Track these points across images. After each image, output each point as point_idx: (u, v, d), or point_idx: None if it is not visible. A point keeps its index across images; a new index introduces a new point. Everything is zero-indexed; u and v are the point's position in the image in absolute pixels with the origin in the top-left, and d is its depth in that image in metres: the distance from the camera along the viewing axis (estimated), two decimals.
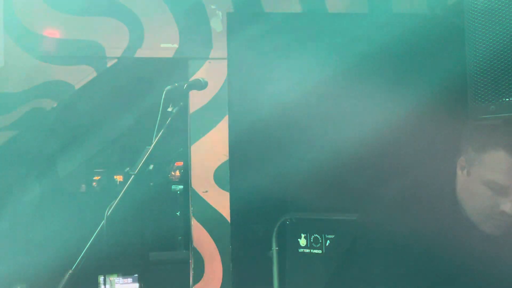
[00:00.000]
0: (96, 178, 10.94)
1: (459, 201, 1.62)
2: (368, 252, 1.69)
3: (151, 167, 1.71)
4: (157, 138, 1.74)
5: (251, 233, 3.76)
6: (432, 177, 1.72)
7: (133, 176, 1.68)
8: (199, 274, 3.66)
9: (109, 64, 3.58)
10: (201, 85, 1.91)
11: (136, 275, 3.45)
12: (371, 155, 3.43)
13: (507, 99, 1.48)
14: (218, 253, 3.64)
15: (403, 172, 1.77)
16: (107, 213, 1.60)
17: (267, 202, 3.69)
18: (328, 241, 3.47)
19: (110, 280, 3.37)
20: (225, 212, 3.65)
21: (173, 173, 11.31)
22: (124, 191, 1.66)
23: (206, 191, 3.66)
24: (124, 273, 3.47)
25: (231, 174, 3.66)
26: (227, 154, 3.66)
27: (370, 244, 1.70)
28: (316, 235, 3.61)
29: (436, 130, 3.33)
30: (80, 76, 3.56)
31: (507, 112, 1.48)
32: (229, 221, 3.65)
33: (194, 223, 3.65)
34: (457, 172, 1.67)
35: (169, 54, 3.65)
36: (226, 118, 3.66)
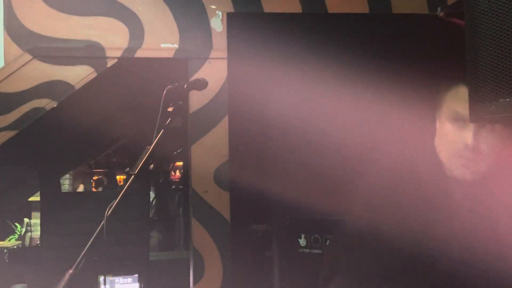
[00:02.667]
0: (96, 178, 10.95)
1: (438, 154, 1.64)
2: (359, 250, 1.71)
3: (151, 167, 1.71)
4: (157, 138, 1.74)
5: (251, 233, 3.76)
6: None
7: (133, 176, 1.68)
8: (199, 274, 3.66)
9: (109, 64, 3.58)
10: (201, 85, 1.90)
11: (136, 275, 3.45)
12: (371, 156, 3.42)
13: (507, 99, 1.47)
14: (218, 253, 3.64)
15: (403, 172, 1.77)
16: (107, 213, 1.60)
17: (267, 202, 3.69)
18: (328, 241, 3.48)
19: (110, 280, 3.37)
20: (225, 212, 3.64)
21: (173, 173, 11.33)
22: (124, 191, 1.66)
23: (206, 191, 3.65)
24: (124, 273, 3.46)
25: (231, 174, 3.66)
26: (227, 154, 3.66)
27: (360, 242, 1.71)
28: (316, 235, 3.61)
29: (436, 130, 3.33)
30: (80, 76, 3.56)
31: (507, 112, 1.48)
32: (229, 221, 3.65)
33: (194, 223, 3.65)
34: (436, 127, 1.71)
35: (169, 54, 3.65)
36: (226, 118, 3.66)
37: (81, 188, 9.15)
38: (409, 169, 1.69)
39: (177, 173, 11.68)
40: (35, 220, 5.84)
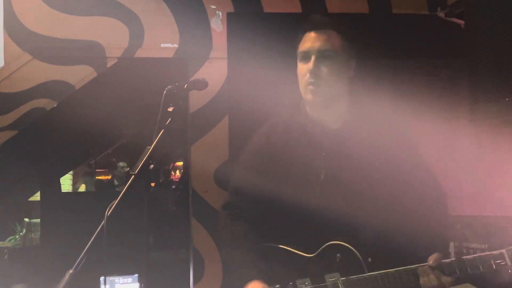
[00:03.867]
0: (96, 178, 10.95)
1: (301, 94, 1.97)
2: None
3: (151, 167, 1.71)
4: (157, 138, 1.73)
5: None
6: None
7: (133, 176, 1.67)
8: (199, 274, 3.66)
9: (109, 64, 3.58)
10: (201, 85, 1.90)
11: (136, 275, 3.45)
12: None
13: (507, 99, 1.48)
14: (218, 253, 3.64)
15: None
16: (107, 213, 1.60)
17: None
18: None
19: (110, 280, 3.37)
20: None
21: (173, 173, 11.34)
22: (124, 191, 1.65)
23: (206, 191, 3.66)
24: (124, 273, 3.46)
25: (231, 174, 3.65)
26: (227, 154, 3.66)
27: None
28: None
29: (436, 130, 3.33)
30: (80, 76, 3.56)
31: (507, 112, 1.48)
32: None
33: (194, 223, 3.65)
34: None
35: (169, 54, 3.65)
36: (226, 118, 3.66)
37: (82, 188, 9.15)
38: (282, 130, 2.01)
39: (177, 173, 11.69)
40: (35, 220, 5.84)
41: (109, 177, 10.63)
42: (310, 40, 1.91)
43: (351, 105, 1.96)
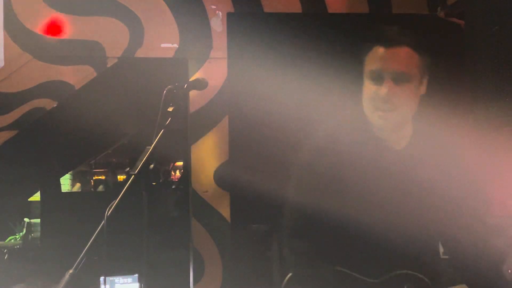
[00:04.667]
0: (96, 178, 10.95)
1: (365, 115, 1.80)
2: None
3: (151, 166, 1.71)
4: (157, 138, 1.73)
5: (251, 233, 3.76)
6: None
7: (133, 176, 1.67)
8: (199, 274, 3.66)
9: (109, 64, 3.58)
10: (201, 85, 1.90)
11: (136, 275, 3.45)
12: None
13: (506, 99, 1.48)
14: (218, 253, 3.64)
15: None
16: (107, 213, 1.60)
17: (267, 202, 3.69)
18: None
19: (110, 280, 3.37)
20: (225, 212, 3.65)
21: (173, 173, 11.33)
22: (124, 191, 1.65)
23: (206, 191, 3.66)
24: (124, 273, 3.46)
25: (231, 174, 3.66)
26: (227, 154, 3.66)
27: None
28: None
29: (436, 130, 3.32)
30: (80, 76, 3.56)
31: (507, 112, 1.48)
32: (229, 221, 3.65)
33: (194, 223, 3.65)
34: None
35: (169, 54, 3.65)
36: (226, 118, 3.66)
37: (77, 188, 9.14)
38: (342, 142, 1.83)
39: (177, 173, 11.68)
40: (35, 220, 5.84)
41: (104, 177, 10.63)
42: (383, 59, 1.70)
43: (414, 124, 1.80)
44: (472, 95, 1.68)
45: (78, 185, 9.26)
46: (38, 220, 5.25)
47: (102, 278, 3.25)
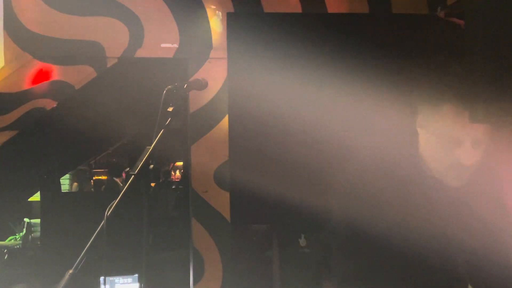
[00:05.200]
0: (96, 178, 10.95)
1: (423, 159, 1.72)
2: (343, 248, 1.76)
3: (151, 167, 1.71)
4: (157, 138, 1.74)
5: (251, 233, 3.76)
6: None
7: (133, 176, 1.67)
8: (199, 274, 3.66)
9: (109, 64, 3.58)
10: (201, 85, 1.90)
11: (136, 275, 3.45)
12: (371, 156, 3.41)
13: (507, 99, 1.48)
14: (218, 253, 3.64)
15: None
16: (107, 213, 1.60)
17: (267, 202, 3.68)
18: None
19: (110, 280, 3.37)
20: (225, 212, 3.64)
21: (173, 173, 11.33)
22: (124, 191, 1.65)
23: (206, 191, 3.66)
24: (124, 273, 3.46)
25: (231, 174, 3.66)
26: (227, 154, 3.65)
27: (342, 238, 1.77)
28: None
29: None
30: (80, 76, 3.56)
31: (507, 112, 1.48)
32: (229, 221, 3.65)
33: (194, 223, 3.65)
34: (417, 130, 1.77)
35: (169, 54, 3.65)
36: (226, 118, 3.67)
37: (75, 187, 9.14)
38: (391, 165, 1.77)
39: (177, 173, 11.68)
40: (35, 220, 5.84)
41: (105, 177, 10.63)
42: (460, 123, 1.62)
43: None
44: (472, 95, 1.67)
45: (75, 184, 9.26)
46: (38, 220, 5.25)
47: (102, 278, 3.26)
